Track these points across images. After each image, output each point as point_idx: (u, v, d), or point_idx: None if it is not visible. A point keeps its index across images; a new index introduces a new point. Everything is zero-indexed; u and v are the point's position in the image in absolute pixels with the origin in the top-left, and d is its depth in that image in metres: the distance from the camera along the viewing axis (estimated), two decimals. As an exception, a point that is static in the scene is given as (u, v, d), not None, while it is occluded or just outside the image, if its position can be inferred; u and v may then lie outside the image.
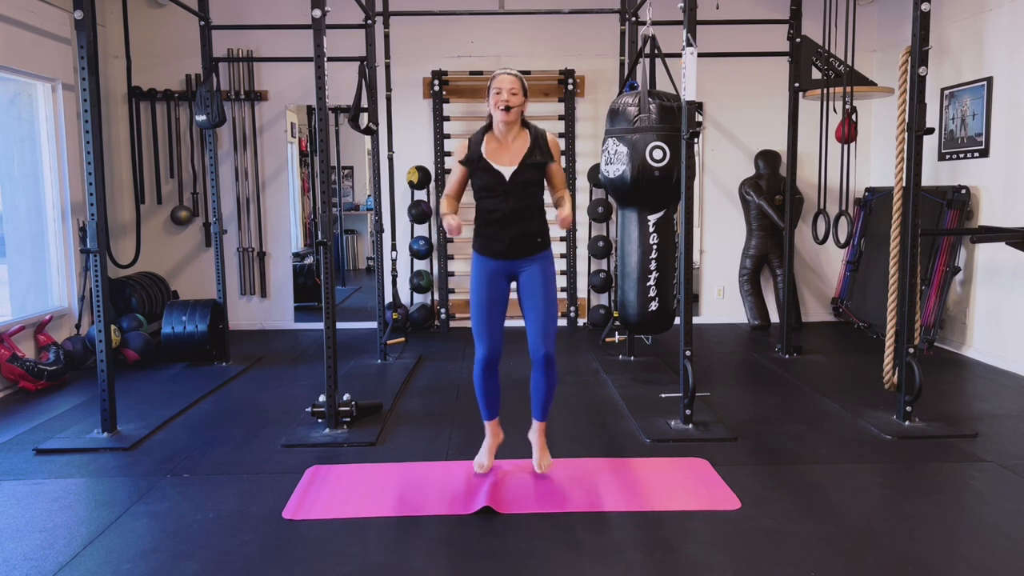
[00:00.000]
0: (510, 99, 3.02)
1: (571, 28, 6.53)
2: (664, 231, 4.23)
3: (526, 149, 3.10)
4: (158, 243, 6.61)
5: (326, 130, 3.77)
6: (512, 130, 3.09)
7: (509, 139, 3.11)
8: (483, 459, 3.23)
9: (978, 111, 5.28)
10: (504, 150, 3.11)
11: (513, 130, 3.10)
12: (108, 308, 3.77)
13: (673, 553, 2.61)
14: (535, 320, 3.09)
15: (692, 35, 3.64)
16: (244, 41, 6.42)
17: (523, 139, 3.12)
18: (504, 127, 3.07)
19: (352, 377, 4.97)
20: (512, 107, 3.02)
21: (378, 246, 5.59)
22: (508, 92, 3.02)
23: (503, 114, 3.02)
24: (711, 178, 6.82)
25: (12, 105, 5.19)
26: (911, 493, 3.10)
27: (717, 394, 4.47)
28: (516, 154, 3.10)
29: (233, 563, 2.56)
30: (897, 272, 4.10)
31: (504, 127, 3.07)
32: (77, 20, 3.55)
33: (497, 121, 3.07)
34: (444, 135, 6.57)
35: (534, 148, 3.11)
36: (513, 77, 3.05)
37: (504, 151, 3.11)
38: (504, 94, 3.02)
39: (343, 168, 10.56)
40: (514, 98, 3.03)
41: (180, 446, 3.72)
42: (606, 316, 6.53)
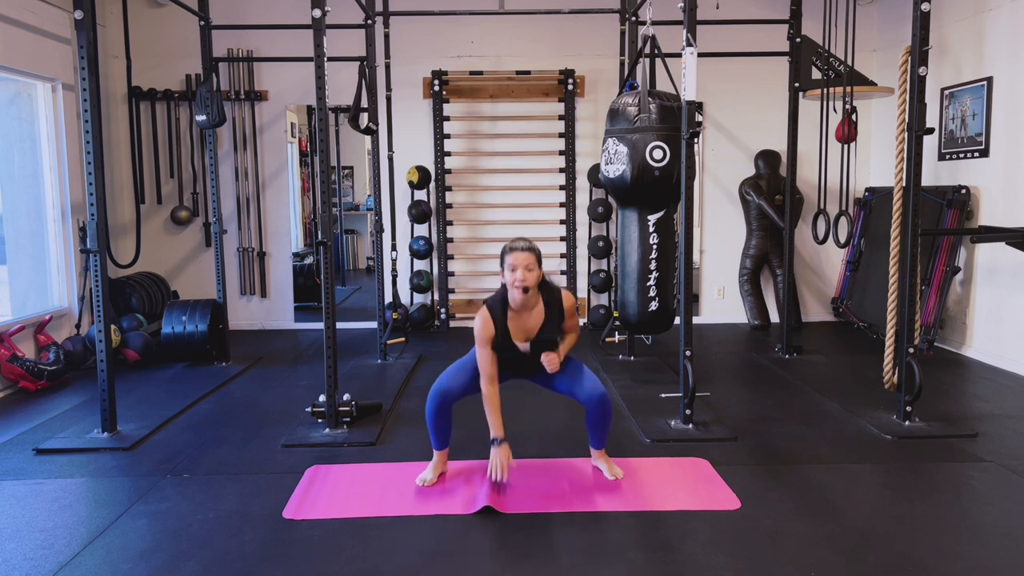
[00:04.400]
0: (526, 278, 2.98)
1: (571, 28, 6.54)
2: (664, 231, 4.23)
3: (542, 322, 3.10)
4: (158, 243, 6.61)
5: (326, 130, 3.76)
6: (530, 300, 3.07)
7: (526, 312, 3.09)
8: (428, 475, 3.23)
9: (978, 111, 5.28)
10: (521, 323, 3.10)
11: (531, 300, 3.07)
12: (108, 308, 3.77)
13: (673, 553, 2.61)
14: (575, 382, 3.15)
15: (692, 35, 3.64)
16: (244, 41, 6.42)
17: (539, 308, 3.10)
18: (521, 303, 3.05)
19: (352, 377, 4.97)
20: (529, 287, 3.00)
21: (378, 246, 5.59)
22: (524, 270, 2.98)
23: (521, 294, 3.01)
24: (711, 178, 6.82)
25: (12, 105, 5.19)
26: (911, 493, 3.10)
27: (717, 394, 4.47)
28: (533, 327, 3.10)
29: (233, 563, 2.56)
30: (897, 272, 4.10)
31: (521, 303, 3.05)
32: (77, 20, 3.55)
33: (514, 298, 3.05)
34: (444, 135, 6.57)
35: (550, 322, 3.10)
36: (528, 253, 3.00)
37: (522, 325, 3.10)
38: (520, 272, 2.98)
39: (343, 168, 10.56)
40: (530, 275, 2.99)
41: (180, 446, 3.72)
42: (606, 316, 6.53)
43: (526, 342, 3.11)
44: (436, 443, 3.23)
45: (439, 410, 3.15)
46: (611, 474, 3.24)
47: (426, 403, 3.17)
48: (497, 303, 3.10)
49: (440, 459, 3.27)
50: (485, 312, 3.09)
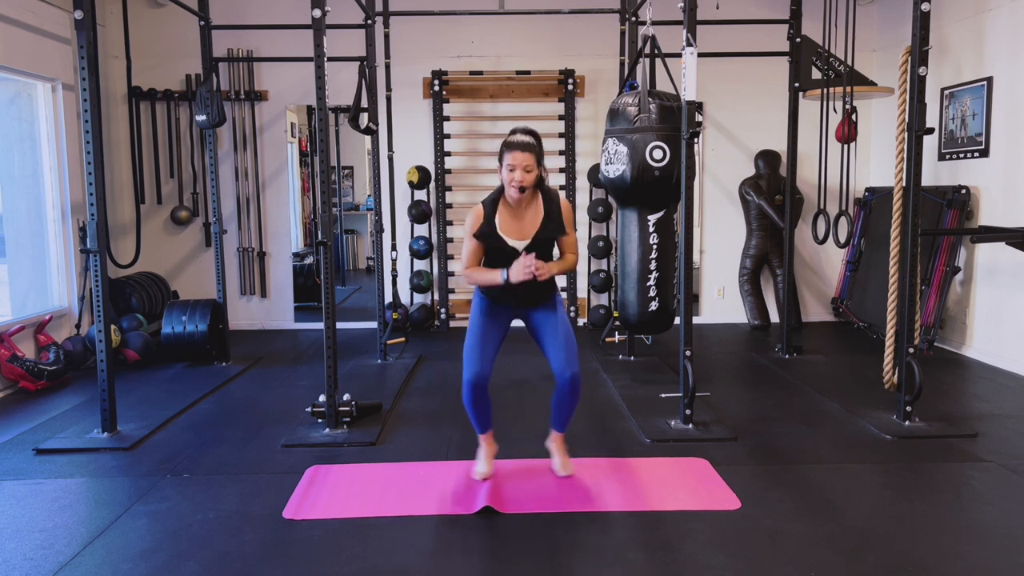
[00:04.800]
0: (524, 178, 2.92)
1: (571, 28, 6.54)
2: (664, 231, 4.22)
3: (539, 222, 3.02)
4: (158, 243, 6.61)
5: (326, 130, 3.76)
6: (526, 199, 3.02)
7: (522, 209, 3.04)
8: (482, 468, 3.21)
9: (978, 111, 5.28)
10: (516, 222, 3.04)
11: (527, 199, 3.02)
12: (108, 308, 3.77)
13: (673, 553, 2.61)
14: (555, 347, 3.06)
15: (692, 35, 3.64)
16: (244, 41, 6.42)
17: (536, 209, 3.03)
18: (517, 199, 3.00)
19: (352, 377, 4.97)
20: (527, 188, 2.94)
21: (378, 246, 5.59)
22: (522, 170, 2.92)
23: (517, 193, 2.96)
24: (711, 178, 6.82)
25: (12, 105, 5.19)
26: (911, 493, 3.10)
27: (717, 394, 4.47)
28: (529, 227, 3.03)
29: (233, 563, 2.56)
30: (897, 272, 4.10)
31: (517, 199, 3.00)
32: (77, 20, 3.55)
33: (510, 195, 3.00)
34: (444, 135, 6.57)
35: (547, 221, 3.02)
36: (527, 153, 2.92)
37: (516, 223, 3.04)
38: (518, 172, 2.92)
39: (343, 168, 10.56)
40: (528, 176, 2.93)
41: (180, 446, 3.72)
42: (606, 316, 6.53)
43: (521, 240, 3.02)
44: (480, 427, 3.18)
45: (477, 399, 3.07)
46: (562, 468, 3.21)
47: (463, 396, 3.10)
48: (490, 199, 3.04)
49: (487, 444, 3.22)
50: (478, 208, 3.05)
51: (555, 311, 3.13)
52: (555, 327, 3.09)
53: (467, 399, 3.10)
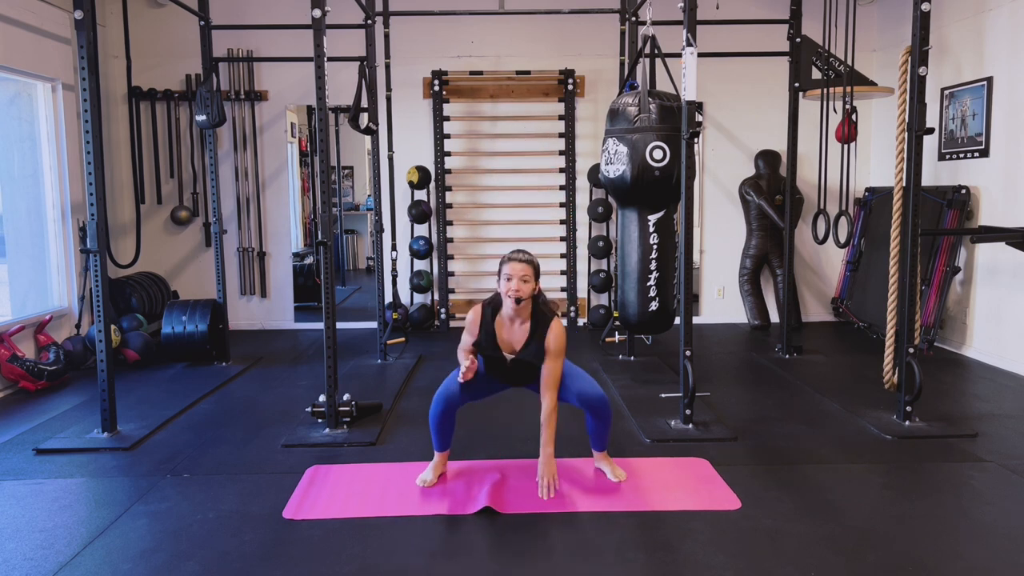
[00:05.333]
0: (520, 288, 2.99)
1: (571, 28, 6.54)
2: (664, 231, 4.23)
3: (524, 340, 3.10)
4: (158, 243, 6.61)
5: (326, 130, 3.76)
6: (520, 314, 3.08)
7: (516, 324, 3.11)
8: (428, 475, 3.23)
9: (978, 111, 5.28)
10: (508, 334, 3.12)
11: (522, 314, 3.08)
12: (108, 308, 3.77)
13: (673, 553, 2.61)
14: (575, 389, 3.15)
15: (692, 35, 3.64)
16: (244, 41, 6.42)
17: (526, 328, 3.10)
18: (513, 312, 3.06)
19: (352, 377, 4.97)
20: (523, 298, 3.01)
21: (378, 246, 5.59)
22: (519, 280, 2.99)
23: (513, 304, 3.02)
24: (711, 178, 6.82)
25: (12, 105, 5.19)
26: (911, 493, 3.10)
27: (717, 394, 4.47)
28: (517, 342, 3.11)
29: (233, 563, 2.56)
30: (897, 272, 4.10)
31: (513, 312, 3.06)
32: (77, 20, 3.55)
33: (506, 306, 3.06)
34: (444, 135, 6.57)
35: (530, 343, 3.08)
36: (524, 264, 3.02)
37: (508, 335, 3.12)
38: (515, 282, 2.99)
39: (343, 168, 10.56)
40: (525, 287, 3.00)
41: (180, 446, 3.72)
42: (606, 316, 6.53)
43: (510, 354, 3.13)
44: (438, 445, 3.23)
45: (444, 413, 3.15)
46: (615, 476, 3.24)
47: (431, 407, 3.16)
48: (490, 306, 3.14)
49: (440, 460, 3.27)
50: (478, 309, 3.16)
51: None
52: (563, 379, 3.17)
53: (434, 412, 3.15)
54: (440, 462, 3.26)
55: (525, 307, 3.06)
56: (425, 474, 3.23)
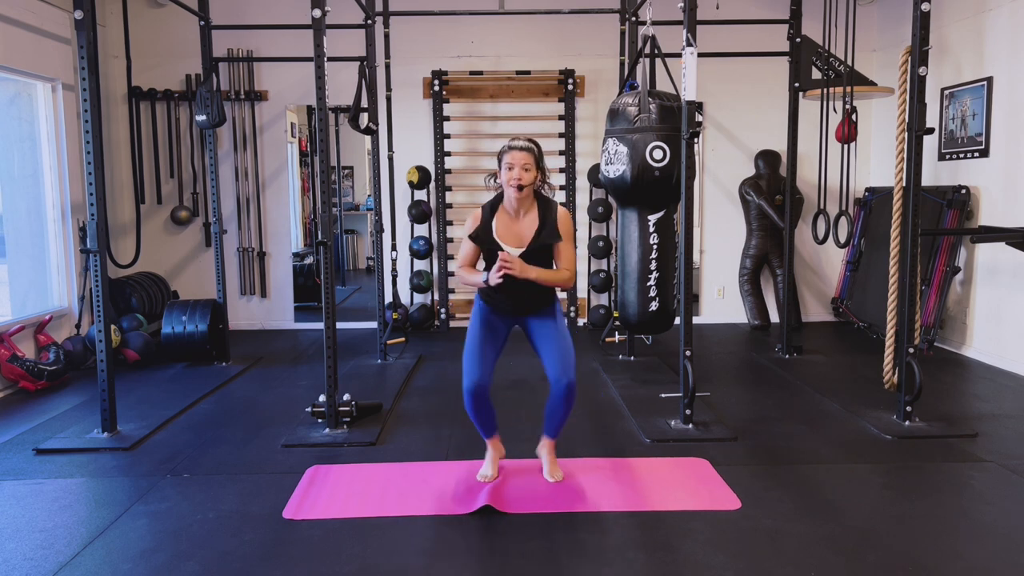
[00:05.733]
0: (522, 176, 2.93)
1: (571, 28, 6.53)
2: (664, 231, 4.22)
3: (535, 229, 3.02)
4: (158, 243, 6.61)
5: (326, 130, 3.76)
6: (524, 205, 3.02)
7: (520, 215, 3.04)
8: (487, 471, 3.21)
9: (978, 111, 5.28)
10: (514, 227, 3.04)
11: (525, 204, 3.02)
12: (108, 308, 3.77)
13: (673, 553, 2.61)
14: (552, 354, 3.05)
15: (692, 35, 3.64)
16: (244, 41, 6.42)
17: (533, 216, 3.03)
18: (516, 203, 3.01)
19: (352, 377, 4.97)
20: (525, 186, 2.95)
21: (378, 246, 5.59)
22: (520, 168, 2.93)
23: (516, 192, 2.96)
24: (711, 178, 6.82)
25: (12, 105, 5.19)
26: (911, 493, 3.10)
27: (717, 394, 4.47)
28: (526, 233, 3.03)
29: (233, 563, 2.56)
30: (897, 272, 4.10)
31: (516, 203, 3.01)
32: (77, 20, 3.55)
33: (509, 197, 3.00)
34: (444, 135, 6.57)
35: (543, 228, 3.02)
36: (525, 152, 2.95)
37: (514, 229, 3.04)
38: (516, 171, 2.93)
39: (343, 168, 10.55)
40: (526, 175, 2.94)
41: (180, 446, 3.72)
42: (606, 316, 6.53)
43: (517, 247, 3.02)
44: (485, 432, 3.18)
45: (478, 406, 3.06)
46: (551, 475, 3.20)
47: (464, 401, 3.08)
48: (489, 204, 3.06)
49: (494, 447, 3.22)
50: (478, 210, 3.07)
51: (554, 320, 3.13)
52: (553, 335, 3.08)
53: (468, 407, 3.09)
54: (494, 450, 3.21)
55: (528, 196, 2.99)
56: (484, 469, 3.20)
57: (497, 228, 3.04)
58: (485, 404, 3.09)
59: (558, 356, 3.03)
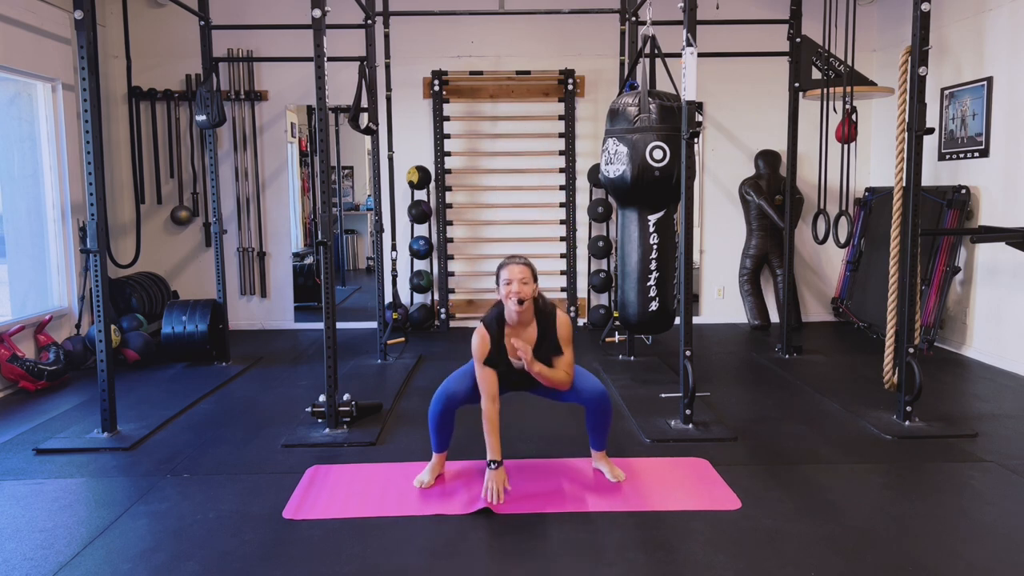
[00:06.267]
0: (521, 291, 3.00)
1: (571, 28, 6.54)
2: (664, 231, 4.23)
3: (536, 340, 3.10)
4: (158, 243, 6.61)
5: (326, 130, 3.76)
6: (524, 316, 3.08)
7: (522, 328, 3.11)
8: (426, 477, 3.22)
9: (978, 111, 5.28)
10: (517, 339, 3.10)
11: (525, 316, 3.08)
12: (108, 308, 3.77)
13: (673, 553, 2.61)
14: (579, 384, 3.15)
15: (692, 35, 3.64)
16: (244, 41, 6.42)
17: (533, 327, 3.10)
18: (517, 316, 3.06)
19: (352, 377, 4.97)
20: (524, 299, 3.01)
21: (378, 246, 5.59)
22: (519, 283, 3.00)
23: (516, 305, 3.02)
24: (711, 178, 6.82)
25: (12, 105, 5.19)
26: (911, 493, 3.10)
27: (717, 394, 4.47)
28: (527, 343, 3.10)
29: (233, 563, 2.56)
30: (897, 272, 4.10)
31: (517, 316, 3.06)
32: (77, 20, 3.55)
33: (510, 310, 3.06)
34: (444, 135, 6.57)
35: (543, 341, 3.10)
36: (522, 267, 3.03)
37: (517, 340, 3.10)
38: (515, 285, 2.99)
39: (343, 168, 10.56)
40: (525, 288, 3.01)
41: (180, 446, 3.72)
42: (606, 316, 6.53)
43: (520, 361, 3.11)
44: (436, 445, 3.23)
45: (443, 414, 3.15)
46: (613, 476, 3.24)
47: (430, 406, 3.16)
48: (492, 320, 3.12)
49: (438, 461, 3.27)
50: (481, 329, 3.11)
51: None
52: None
53: (434, 412, 3.15)
54: (438, 463, 3.26)
55: (528, 308, 3.06)
56: (422, 476, 3.23)
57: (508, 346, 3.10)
58: (449, 419, 3.18)
59: (579, 380, 3.16)
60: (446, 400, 3.14)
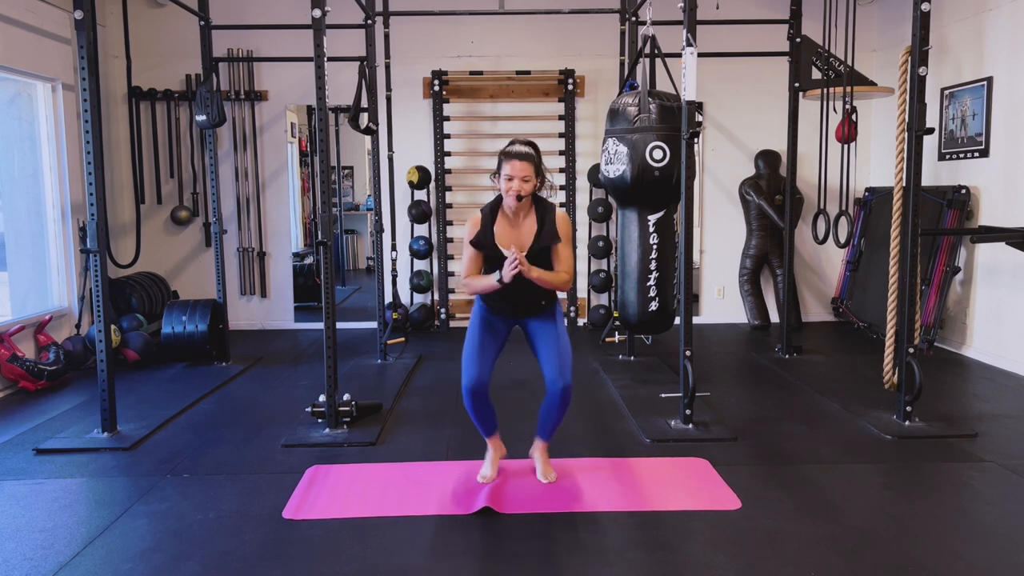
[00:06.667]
0: (521, 188, 2.94)
1: (571, 28, 6.53)
2: (664, 231, 4.23)
3: (534, 233, 3.04)
4: (158, 243, 6.61)
5: (326, 130, 3.76)
6: (522, 210, 3.04)
7: (519, 220, 3.06)
8: (487, 471, 3.20)
9: (978, 111, 5.28)
10: (513, 232, 3.06)
11: (523, 209, 3.04)
12: (108, 308, 3.77)
13: (673, 553, 2.61)
14: (550, 357, 3.06)
15: (692, 35, 3.64)
16: (244, 41, 6.42)
17: (532, 220, 3.05)
18: (514, 209, 3.03)
19: (352, 377, 4.97)
20: (524, 196, 2.96)
21: (378, 246, 5.59)
22: (520, 180, 2.94)
23: (514, 201, 2.97)
24: (711, 178, 6.82)
25: (12, 105, 5.19)
26: (911, 493, 3.10)
27: (717, 394, 4.47)
28: (525, 237, 3.05)
29: (233, 563, 2.56)
30: (897, 272, 4.10)
31: (514, 209, 3.03)
32: (77, 20, 3.55)
33: (507, 205, 3.02)
34: (444, 135, 6.57)
35: (541, 231, 3.03)
36: (525, 162, 2.94)
37: (513, 233, 3.06)
38: (516, 182, 2.94)
39: (343, 168, 10.55)
40: (526, 186, 2.95)
41: (180, 446, 3.72)
42: (606, 316, 6.53)
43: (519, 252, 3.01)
44: (485, 430, 3.18)
45: (477, 404, 3.07)
46: (544, 476, 3.19)
47: (464, 402, 3.10)
48: (488, 208, 3.07)
49: (494, 447, 3.22)
50: (476, 216, 3.08)
51: (553, 322, 3.14)
52: (551, 337, 3.09)
53: (468, 405, 3.10)
54: (495, 449, 3.21)
55: (527, 201, 3.01)
56: (485, 470, 3.20)
57: (498, 233, 3.05)
58: (485, 402, 3.09)
59: (555, 359, 3.04)
60: (474, 391, 3.04)
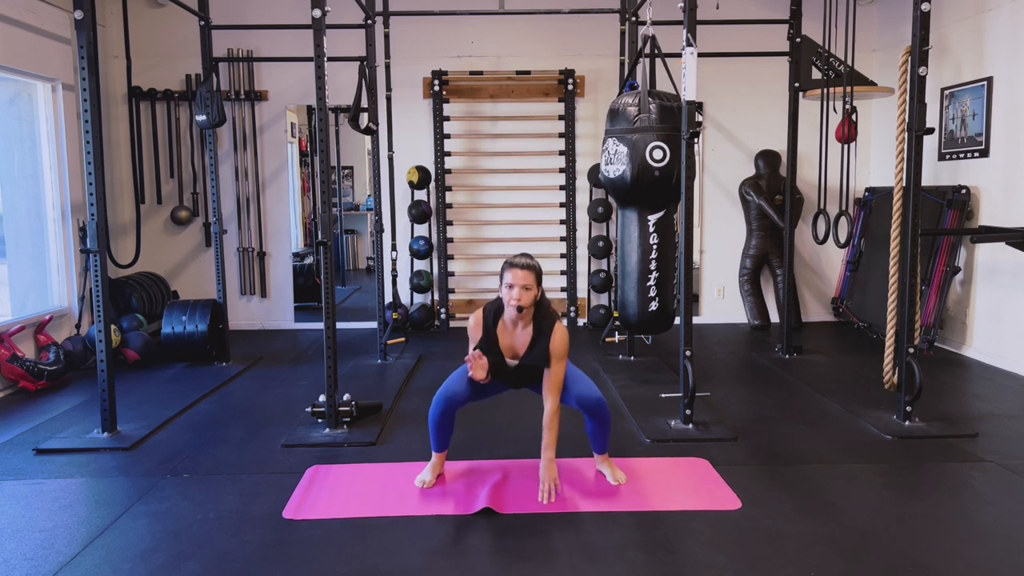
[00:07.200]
0: (522, 296, 2.95)
1: (571, 28, 6.54)
2: (664, 231, 4.23)
3: (528, 346, 3.06)
4: (158, 243, 6.61)
5: (326, 130, 3.76)
6: (523, 318, 3.05)
7: (518, 328, 3.07)
8: (427, 476, 3.22)
9: (978, 111, 5.28)
10: (510, 339, 3.08)
11: (524, 318, 3.05)
12: (108, 308, 3.77)
13: (673, 553, 2.61)
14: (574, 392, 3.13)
15: (692, 35, 3.64)
16: (244, 41, 6.42)
17: (528, 333, 3.06)
18: (514, 318, 3.04)
19: (352, 377, 4.97)
20: (524, 307, 2.97)
21: (378, 246, 5.59)
22: (520, 289, 2.94)
23: (515, 311, 2.99)
24: (711, 178, 6.82)
25: (12, 105, 5.19)
26: (911, 493, 3.10)
27: (717, 394, 4.47)
28: (519, 347, 3.08)
29: (233, 563, 2.56)
30: (897, 272, 4.10)
31: (514, 318, 3.04)
32: (77, 20, 3.55)
33: (508, 314, 3.04)
34: (444, 135, 6.57)
35: (533, 349, 3.04)
36: (526, 271, 2.95)
37: (511, 340, 3.08)
38: (516, 290, 2.94)
39: (343, 168, 10.55)
40: (527, 295, 2.95)
41: (180, 446, 3.72)
42: (606, 316, 6.53)
43: (513, 359, 3.10)
44: (436, 445, 3.23)
45: (443, 415, 3.14)
46: (614, 479, 3.23)
47: (431, 407, 3.15)
48: (491, 311, 3.10)
49: (438, 461, 3.26)
50: (479, 314, 3.11)
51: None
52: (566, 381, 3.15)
53: (434, 413, 3.13)
54: (438, 463, 3.26)
55: (527, 312, 3.04)
56: (423, 475, 3.23)
57: (499, 337, 3.09)
58: (450, 420, 3.16)
59: (576, 387, 3.13)
60: (446, 402, 3.13)
